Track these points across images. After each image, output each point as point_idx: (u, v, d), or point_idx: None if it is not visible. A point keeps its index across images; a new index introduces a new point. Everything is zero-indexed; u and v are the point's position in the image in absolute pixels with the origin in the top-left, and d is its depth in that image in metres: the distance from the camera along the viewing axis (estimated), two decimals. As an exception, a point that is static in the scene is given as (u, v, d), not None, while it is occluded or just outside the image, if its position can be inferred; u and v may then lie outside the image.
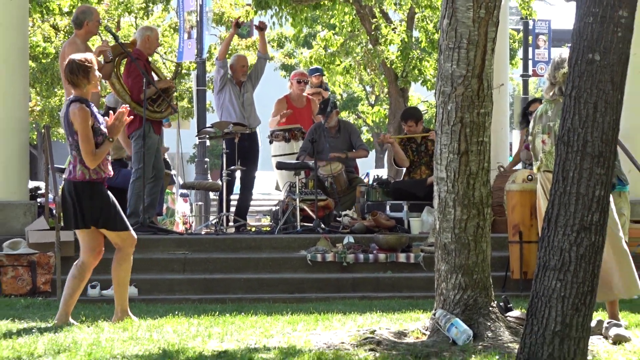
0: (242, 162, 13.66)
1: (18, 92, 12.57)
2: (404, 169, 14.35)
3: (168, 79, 13.46)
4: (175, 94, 16.45)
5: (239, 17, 19.78)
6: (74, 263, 8.47)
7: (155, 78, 12.68)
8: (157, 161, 12.47)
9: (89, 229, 8.33)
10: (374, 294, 11.21)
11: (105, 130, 8.30)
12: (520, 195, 11.18)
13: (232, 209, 14.31)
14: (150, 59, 12.98)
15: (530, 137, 8.21)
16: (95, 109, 8.32)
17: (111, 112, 8.60)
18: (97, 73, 8.34)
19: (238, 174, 13.97)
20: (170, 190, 16.11)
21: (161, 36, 24.38)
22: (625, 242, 7.99)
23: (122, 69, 12.60)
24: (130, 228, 8.52)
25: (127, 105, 8.49)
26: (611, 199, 6.17)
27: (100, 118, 8.34)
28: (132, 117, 8.49)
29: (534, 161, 8.21)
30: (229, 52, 20.57)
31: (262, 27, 14.67)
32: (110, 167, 8.40)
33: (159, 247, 11.82)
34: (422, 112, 14.83)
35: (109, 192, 8.39)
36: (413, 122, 14.17)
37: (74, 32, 12.51)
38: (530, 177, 11.07)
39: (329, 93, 17.16)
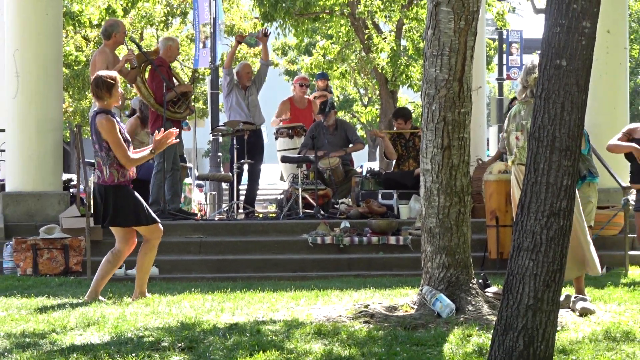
0: (249, 156, 13.63)
1: (53, 95, 12.55)
2: (394, 162, 14.32)
3: (186, 83, 13.40)
4: (192, 96, 16.41)
5: (242, 33, 19.74)
6: (110, 250, 8.42)
7: (176, 83, 12.65)
8: (174, 156, 12.45)
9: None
10: (367, 272, 11.18)
11: (128, 137, 8.29)
12: (496, 184, 11.16)
13: (242, 197, 14.27)
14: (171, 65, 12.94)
15: (505, 134, 8.18)
16: (118, 119, 8.29)
17: (156, 131, 8.56)
18: (120, 90, 8.30)
19: (246, 166, 13.94)
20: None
21: (180, 45, 24.34)
22: (591, 226, 7.98)
23: (147, 74, 12.57)
24: (158, 221, 8.41)
25: (177, 130, 8.52)
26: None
27: (122, 126, 8.32)
28: (175, 135, 8.44)
29: (508, 155, 8.18)
30: (236, 60, 20.56)
31: (265, 34, 14.52)
32: (134, 170, 8.36)
33: (177, 232, 11.81)
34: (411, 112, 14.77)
35: (134, 192, 8.31)
36: (402, 121, 14.14)
37: (103, 43, 12.47)
38: (505, 171, 11.05)
39: (332, 95, 17.11)
